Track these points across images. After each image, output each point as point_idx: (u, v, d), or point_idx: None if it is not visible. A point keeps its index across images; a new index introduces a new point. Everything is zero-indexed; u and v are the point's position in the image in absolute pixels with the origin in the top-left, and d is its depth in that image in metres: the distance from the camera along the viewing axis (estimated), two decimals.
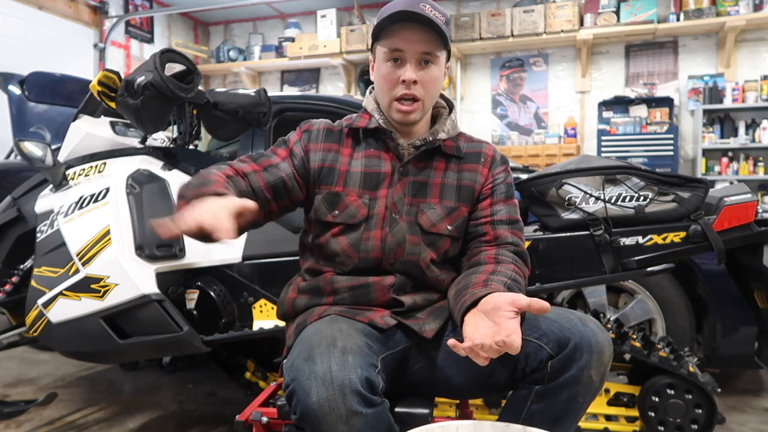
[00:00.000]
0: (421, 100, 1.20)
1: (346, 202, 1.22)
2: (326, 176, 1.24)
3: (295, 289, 1.29)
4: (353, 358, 0.96)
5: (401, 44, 1.16)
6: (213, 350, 1.90)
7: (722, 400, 2.30)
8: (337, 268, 1.23)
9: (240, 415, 1.26)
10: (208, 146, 3.34)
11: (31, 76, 3.43)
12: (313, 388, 0.93)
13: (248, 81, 7.01)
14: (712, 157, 5.24)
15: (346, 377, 0.93)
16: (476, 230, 1.25)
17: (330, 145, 1.27)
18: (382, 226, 1.21)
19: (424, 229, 1.22)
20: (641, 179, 1.64)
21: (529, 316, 1.10)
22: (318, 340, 1.00)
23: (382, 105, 1.24)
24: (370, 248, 1.20)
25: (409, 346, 1.20)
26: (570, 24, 5.47)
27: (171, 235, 0.98)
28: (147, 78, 1.70)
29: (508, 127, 6.11)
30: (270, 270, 1.80)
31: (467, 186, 1.26)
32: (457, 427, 0.87)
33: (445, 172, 1.26)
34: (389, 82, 1.19)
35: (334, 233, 1.22)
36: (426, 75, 1.19)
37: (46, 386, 2.60)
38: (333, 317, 1.15)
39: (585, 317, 1.10)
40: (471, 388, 1.19)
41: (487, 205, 1.25)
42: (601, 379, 1.07)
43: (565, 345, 1.05)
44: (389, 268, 1.21)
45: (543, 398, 1.08)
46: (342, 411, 0.92)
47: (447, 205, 1.24)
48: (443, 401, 1.95)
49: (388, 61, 1.19)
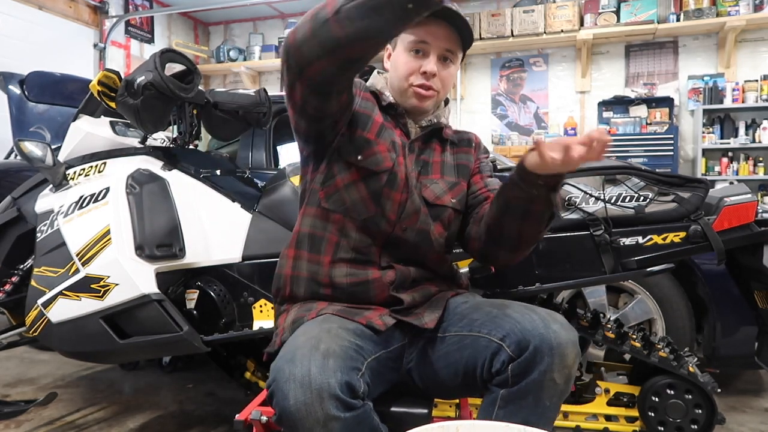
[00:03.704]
0: (438, 91, 1.25)
1: (375, 150, 1.22)
2: (362, 121, 1.24)
3: (291, 265, 1.27)
4: (334, 362, 0.96)
5: (428, 37, 1.21)
6: (213, 350, 1.90)
7: (722, 400, 2.30)
8: (347, 215, 1.22)
9: (240, 414, 1.26)
10: (208, 146, 3.34)
11: (31, 76, 3.43)
12: (291, 391, 0.92)
13: (248, 81, 7.01)
14: (712, 157, 5.24)
15: (325, 381, 0.92)
16: (477, 199, 1.32)
17: (369, 97, 1.29)
18: (402, 191, 1.23)
19: (429, 201, 1.27)
20: (641, 179, 1.64)
21: (496, 314, 1.13)
22: (303, 341, 1.00)
23: (398, 89, 1.27)
24: (388, 208, 1.22)
25: (403, 345, 1.21)
26: (570, 24, 5.47)
27: None
28: (147, 78, 1.70)
29: (508, 127, 6.11)
30: (270, 270, 1.78)
31: (464, 165, 1.36)
32: (457, 427, 0.87)
33: (442, 153, 1.34)
34: (409, 70, 1.23)
35: (354, 178, 1.21)
36: (445, 71, 1.24)
37: (46, 386, 2.60)
38: (327, 317, 1.15)
39: (549, 317, 1.09)
40: (455, 386, 1.19)
41: (479, 179, 1.36)
42: (566, 380, 1.06)
43: (526, 348, 1.04)
44: (399, 234, 1.22)
45: (509, 403, 1.07)
46: (319, 415, 0.91)
47: (449, 180, 1.31)
48: (443, 401, 1.95)
49: (411, 51, 1.22)
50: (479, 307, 1.20)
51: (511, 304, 1.16)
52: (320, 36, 0.97)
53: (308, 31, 0.98)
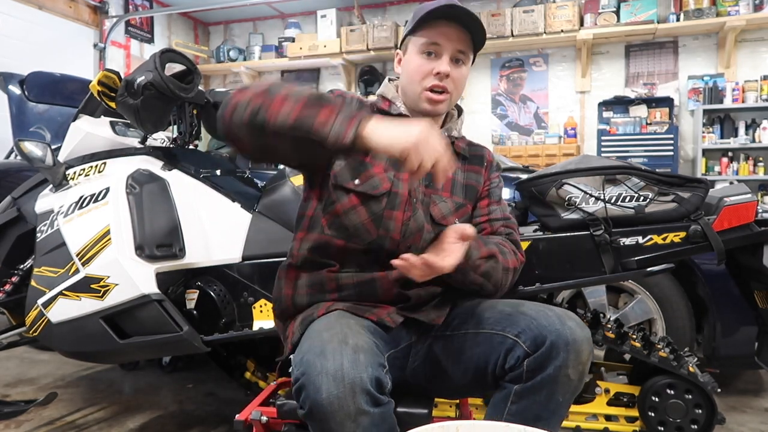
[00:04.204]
0: (450, 93, 1.23)
1: (371, 172, 1.20)
2: None
3: (291, 285, 1.26)
4: (364, 357, 0.96)
5: (440, 39, 1.20)
6: (213, 350, 1.90)
7: (722, 400, 2.30)
8: (351, 241, 1.21)
9: (240, 414, 1.26)
10: (208, 146, 3.34)
11: (31, 76, 3.42)
12: (324, 384, 0.92)
13: (248, 81, 7.00)
14: (712, 157, 5.24)
15: (358, 376, 0.93)
16: (476, 228, 1.27)
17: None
18: (404, 209, 1.21)
19: (435, 219, 1.25)
20: (641, 179, 1.64)
21: (510, 312, 1.14)
22: (329, 336, 1.00)
23: (412, 95, 1.25)
24: (391, 228, 1.20)
25: (410, 344, 1.21)
26: (570, 24, 5.47)
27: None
28: (147, 78, 1.70)
29: (508, 127, 6.11)
30: (270, 270, 1.79)
31: (472, 186, 1.33)
32: (457, 427, 0.87)
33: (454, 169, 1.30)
34: (422, 72, 1.22)
35: (353, 203, 1.20)
36: (457, 72, 1.23)
37: (46, 386, 2.60)
38: (341, 312, 1.15)
39: (564, 314, 1.10)
40: (464, 384, 1.20)
41: (485, 204, 1.34)
42: (579, 377, 1.07)
43: (542, 343, 1.05)
44: (404, 252, 1.20)
45: (522, 398, 1.08)
46: (351, 409, 0.92)
47: (456, 201, 1.29)
48: (443, 401, 1.95)
49: (423, 53, 1.22)
50: (490, 306, 1.20)
51: (524, 303, 1.17)
52: (252, 135, 1.04)
53: (245, 121, 1.03)
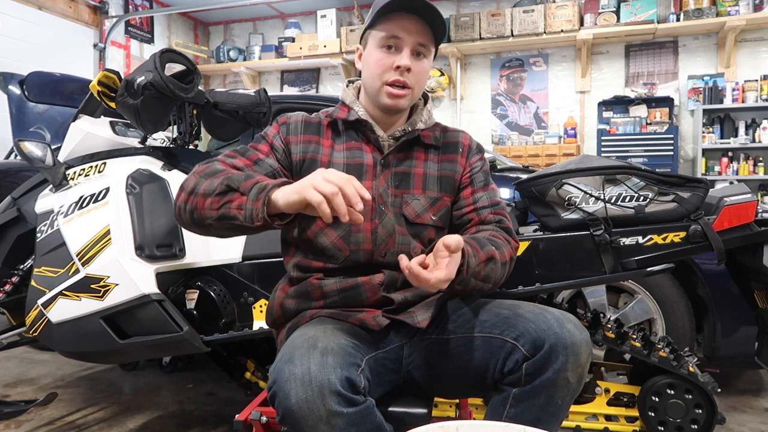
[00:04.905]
0: (412, 88, 1.21)
1: None
2: (309, 168, 1.21)
3: (281, 295, 1.28)
4: (333, 359, 0.96)
5: (399, 32, 1.17)
6: (213, 350, 1.90)
7: (722, 400, 2.30)
8: (329, 261, 1.22)
9: (239, 414, 1.26)
10: (208, 146, 3.34)
11: (31, 76, 3.42)
12: (292, 389, 0.93)
13: (248, 81, 7.01)
14: (712, 157, 5.24)
15: (325, 378, 0.93)
16: (462, 219, 1.27)
17: (310, 137, 1.25)
18: (371, 218, 1.20)
19: (410, 219, 1.23)
20: (641, 179, 1.64)
21: (508, 315, 1.13)
22: (300, 342, 1.01)
23: (372, 90, 1.23)
24: (361, 240, 1.20)
25: (401, 345, 1.20)
26: (570, 24, 5.47)
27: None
28: (147, 78, 1.70)
29: (508, 127, 6.11)
30: (270, 270, 1.80)
31: (448, 176, 1.28)
32: (457, 427, 0.86)
33: (425, 162, 1.28)
34: (382, 66, 1.19)
35: (320, 226, 1.21)
36: (418, 65, 1.20)
37: (46, 386, 2.60)
38: (321, 319, 1.15)
39: (563, 317, 1.09)
40: (462, 387, 1.20)
41: (469, 193, 1.28)
42: (578, 379, 1.06)
43: (541, 347, 1.05)
44: (381, 260, 1.21)
45: (521, 401, 1.07)
46: (321, 412, 0.92)
47: (430, 196, 1.25)
48: (443, 401, 1.95)
49: (383, 47, 1.19)
50: (486, 308, 1.19)
51: (521, 305, 1.16)
52: (186, 219, 1.13)
53: (188, 223, 1.13)
